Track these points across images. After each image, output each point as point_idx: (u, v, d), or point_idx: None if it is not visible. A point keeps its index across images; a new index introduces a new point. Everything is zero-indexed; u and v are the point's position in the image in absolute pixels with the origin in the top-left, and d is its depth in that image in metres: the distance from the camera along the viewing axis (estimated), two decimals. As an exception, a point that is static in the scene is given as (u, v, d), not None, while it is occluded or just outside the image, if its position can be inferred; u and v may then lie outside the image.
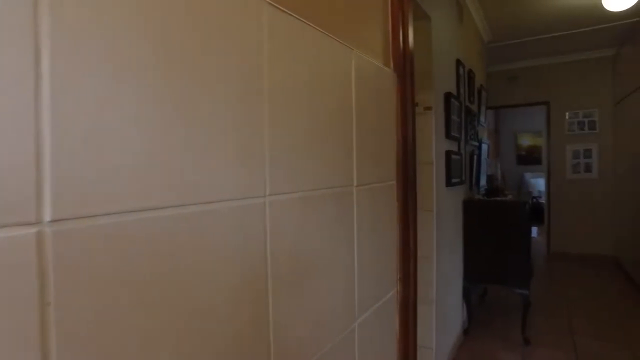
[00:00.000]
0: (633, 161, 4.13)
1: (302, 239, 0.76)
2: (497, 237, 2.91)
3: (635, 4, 3.19)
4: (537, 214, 7.69)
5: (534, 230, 7.32)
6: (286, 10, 0.72)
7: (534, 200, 8.14)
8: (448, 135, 2.49)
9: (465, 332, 3.07)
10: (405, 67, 1.17)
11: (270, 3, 0.68)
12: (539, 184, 8.10)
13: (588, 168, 5.27)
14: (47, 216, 0.38)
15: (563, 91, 5.39)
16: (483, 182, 3.63)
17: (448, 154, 2.49)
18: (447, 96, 2.49)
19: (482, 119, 3.98)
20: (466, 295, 3.07)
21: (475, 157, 3.40)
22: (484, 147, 3.94)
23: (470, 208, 3.01)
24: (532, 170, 8.90)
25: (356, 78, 0.96)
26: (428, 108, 2.23)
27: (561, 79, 5.40)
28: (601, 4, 3.29)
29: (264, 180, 0.67)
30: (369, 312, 1.03)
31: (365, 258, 1.01)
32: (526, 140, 9.25)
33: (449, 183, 2.50)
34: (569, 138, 5.38)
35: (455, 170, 2.64)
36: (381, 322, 1.10)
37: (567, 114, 5.38)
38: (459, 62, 2.88)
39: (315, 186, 0.80)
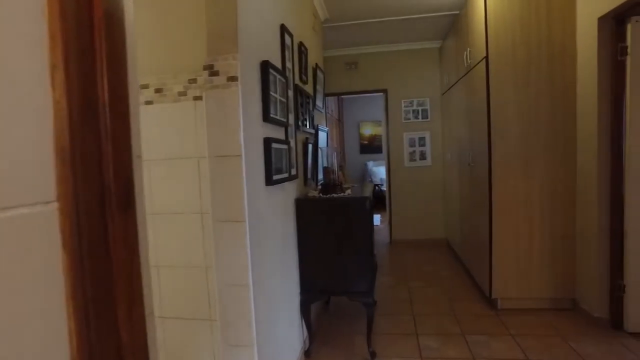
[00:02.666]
0: (457, 148, 4.26)
1: None
2: (337, 239, 2.48)
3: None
4: (380, 201, 7.95)
5: (377, 219, 7.53)
6: None
7: (377, 188, 8.44)
8: (267, 117, 1.90)
9: (307, 353, 2.59)
10: None
11: None
12: (381, 172, 8.36)
13: (423, 156, 5.42)
14: None
15: (399, 80, 5.42)
16: (322, 175, 3.21)
17: (267, 142, 1.90)
18: (265, 66, 1.90)
19: (319, 103, 3.56)
20: (305, 310, 2.58)
21: (310, 146, 2.93)
22: (322, 135, 3.53)
23: (303, 208, 2.52)
24: (375, 159, 9.22)
25: None
26: (232, 79, 1.59)
27: (398, 68, 5.42)
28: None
29: None
30: None
31: None
32: (368, 130, 9.54)
33: (269, 181, 1.91)
34: (406, 126, 5.45)
35: (280, 163, 2.09)
36: None
37: (403, 102, 5.44)
38: (284, 29, 2.32)
39: None
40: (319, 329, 2.98)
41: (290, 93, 2.42)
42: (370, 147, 9.46)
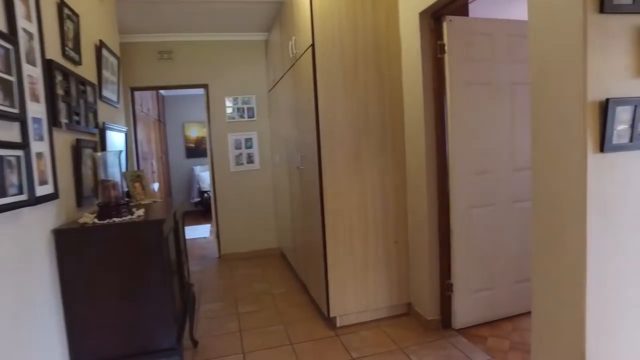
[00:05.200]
0: (286, 150, 3.89)
1: None
2: (122, 283, 1.72)
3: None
4: (209, 210, 7.20)
5: (207, 229, 6.76)
6: None
7: (207, 195, 7.65)
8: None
9: None
10: None
11: None
12: (208, 177, 7.59)
13: (251, 159, 4.92)
14: None
15: (222, 74, 4.80)
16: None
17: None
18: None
19: (109, 94, 2.68)
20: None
21: (88, 151, 2.08)
22: (115, 136, 2.67)
23: (69, 242, 1.68)
24: (203, 163, 8.39)
25: None
26: None
27: (220, 61, 4.78)
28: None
29: None
30: None
31: None
32: (194, 131, 8.64)
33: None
34: (231, 126, 4.86)
35: (11, 180, 1.25)
36: None
37: (226, 99, 4.84)
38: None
39: None
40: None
41: (34, 70, 1.57)
42: (198, 150, 8.58)
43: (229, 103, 4.85)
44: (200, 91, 4.99)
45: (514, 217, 2.79)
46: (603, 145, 1.47)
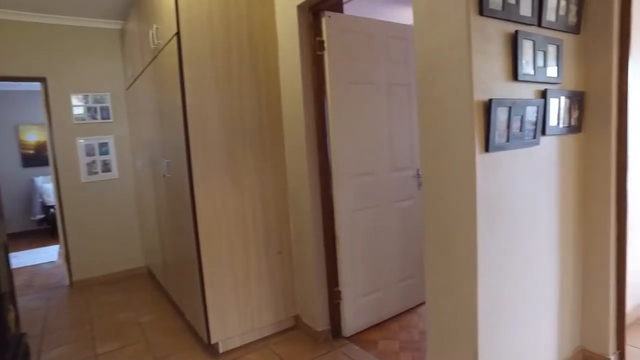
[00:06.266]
0: (150, 155, 3.40)
1: None
2: None
3: None
4: (57, 229, 6.07)
5: (55, 252, 5.66)
6: None
7: (52, 210, 6.44)
8: None
9: None
10: None
11: None
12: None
13: (107, 167, 4.21)
14: None
15: (66, 66, 3.99)
16: None
17: None
18: None
19: None
20: None
21: None
22: None
23: None
24: (47, 172, 7.05)
25: None
26: None
27: (63, 50, 3.97)
28: None
29: None
30: None
31: None
32: (33, 135, 7.21)
33: None
34: (80, 129, 4.09)
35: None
36: None
37: (73, 97, 4.05)
38: None
39: None
40: None
41: None
42: (39, 158, 7.18)
43: (77, 102, 4.07)
44: (37, 86, 4.10)
45: (395, 217, 2.82)
46: (488, 144, 1.47)
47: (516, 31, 1.56)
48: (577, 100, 1.92)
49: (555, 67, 1.77)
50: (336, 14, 2.47)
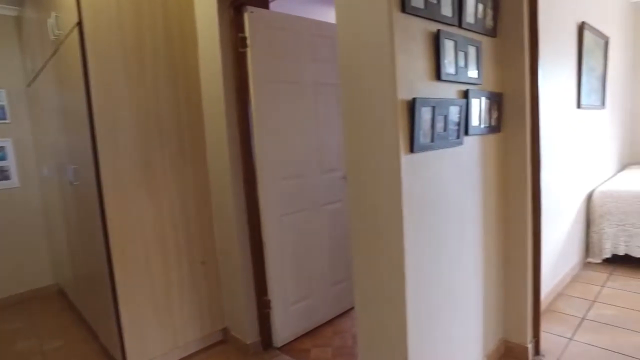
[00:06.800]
0: (56, 161, 3.03)
1: None
2: None
3: None
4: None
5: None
6: None
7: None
8: None
9: None
10: None
11: None
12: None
13: (5, 174, 3.71)
14: None
15: (-53, 59, 3.46)
16: None
17: None
18: None
19: None
20: None
21: None
22: None
23: None
24: None
25: None
26: None
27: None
28: None
29: None
30: None
31: None
32: None
33: None
34: (-32, 131, 3.56)
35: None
36: None
37: (-41, 94, 3.52)
38: None
39: None
40: None
41: None
42: None
43: (-38, 99, 3.54)
44: None
45: (325, 220, 2.76)
46: (413, 145, 1.44)
47: (438, 30, 1.55)
48: (496, 101, 1.98)
49: (476, 69, 1.81)
50: (260, 10, 2.35)
